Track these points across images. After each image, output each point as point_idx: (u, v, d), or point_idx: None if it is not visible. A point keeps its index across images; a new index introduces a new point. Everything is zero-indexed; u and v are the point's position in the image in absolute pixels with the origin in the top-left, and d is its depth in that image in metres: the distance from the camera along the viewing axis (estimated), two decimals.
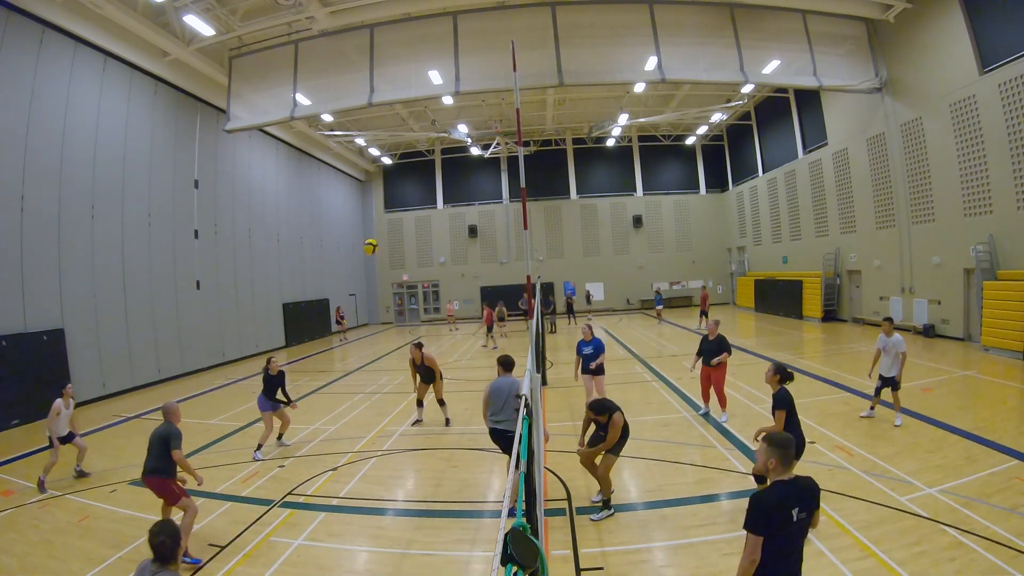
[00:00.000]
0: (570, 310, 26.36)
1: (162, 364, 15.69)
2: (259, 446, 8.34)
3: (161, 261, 15.96)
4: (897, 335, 7.95)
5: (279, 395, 8.50)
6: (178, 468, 5.36)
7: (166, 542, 2.80)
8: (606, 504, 5.79)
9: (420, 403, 9.86)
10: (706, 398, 9.26)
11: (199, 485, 5.68)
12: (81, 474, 7.77)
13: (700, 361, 8.98)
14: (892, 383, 7.95)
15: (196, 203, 17.70)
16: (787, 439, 3.08)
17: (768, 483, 3.11)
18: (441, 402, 9.76)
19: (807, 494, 3.00)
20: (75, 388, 12.44)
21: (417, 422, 9.71)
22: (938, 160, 15.22)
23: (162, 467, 5.25)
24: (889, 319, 8.40)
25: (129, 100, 14.84)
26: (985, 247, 13.52)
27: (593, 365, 8.97)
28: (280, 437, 8.82)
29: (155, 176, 15.83)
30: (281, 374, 8.54)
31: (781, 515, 2.88)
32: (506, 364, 6.43)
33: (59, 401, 7.69)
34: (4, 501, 6.87)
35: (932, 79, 15.08)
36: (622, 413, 5.75)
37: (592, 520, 5.62)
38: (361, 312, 32.03)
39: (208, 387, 14.65)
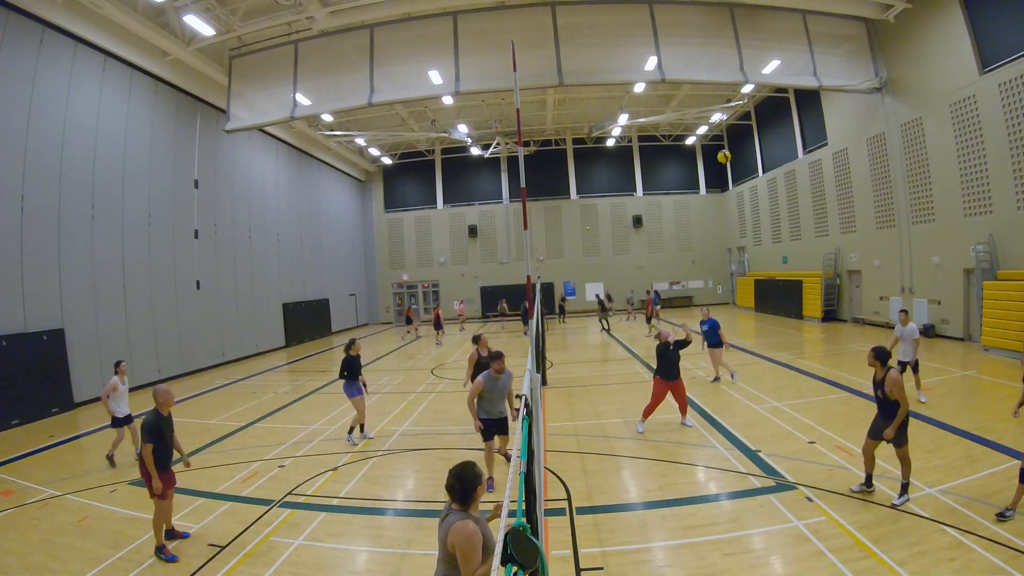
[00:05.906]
0: (561, 311, 27.14)
1: (162, 364, 15.69)
2: (351, 429, 8.77)
3: (161, 261, 15.96)
4: (912, 324, 8.98)
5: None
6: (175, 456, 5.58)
7: (455, 486, 2.92)
8: (904, 488, 5.47)
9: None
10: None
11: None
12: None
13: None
14: (913, 367, 8.98)
15: (196, 203, 17.70)
16: None
17: None
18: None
19: None
20: (75, 388, 12.61)
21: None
22: (938, 160, 15.22)
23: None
24: (904, 311, 9.31)
25: (129, 100, 14.83)
26: (985, 247, 13.53)
27: (722, 338, 11.12)
28: (362, 429, 8.99)
29: (155, 176, 15.83)
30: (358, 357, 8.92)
31: None
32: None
33: (115, 378, 7.84)
34: (4, 501, 6.87)
35: (932, 79, 15.08)
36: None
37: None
38: (361, 312, 32.03)
39: (208, 387, 14.65)
